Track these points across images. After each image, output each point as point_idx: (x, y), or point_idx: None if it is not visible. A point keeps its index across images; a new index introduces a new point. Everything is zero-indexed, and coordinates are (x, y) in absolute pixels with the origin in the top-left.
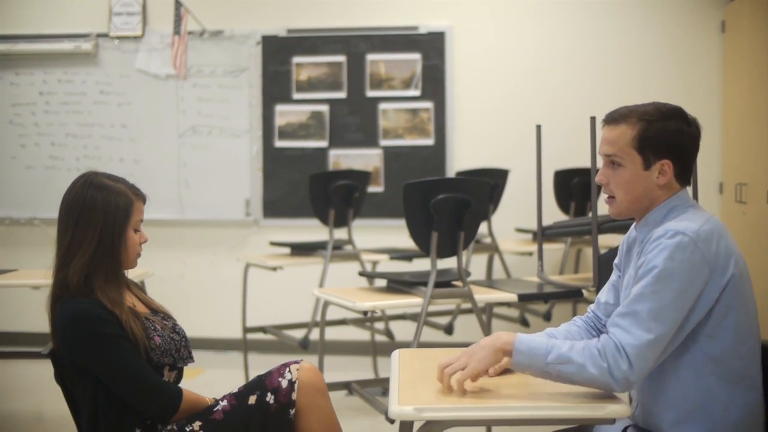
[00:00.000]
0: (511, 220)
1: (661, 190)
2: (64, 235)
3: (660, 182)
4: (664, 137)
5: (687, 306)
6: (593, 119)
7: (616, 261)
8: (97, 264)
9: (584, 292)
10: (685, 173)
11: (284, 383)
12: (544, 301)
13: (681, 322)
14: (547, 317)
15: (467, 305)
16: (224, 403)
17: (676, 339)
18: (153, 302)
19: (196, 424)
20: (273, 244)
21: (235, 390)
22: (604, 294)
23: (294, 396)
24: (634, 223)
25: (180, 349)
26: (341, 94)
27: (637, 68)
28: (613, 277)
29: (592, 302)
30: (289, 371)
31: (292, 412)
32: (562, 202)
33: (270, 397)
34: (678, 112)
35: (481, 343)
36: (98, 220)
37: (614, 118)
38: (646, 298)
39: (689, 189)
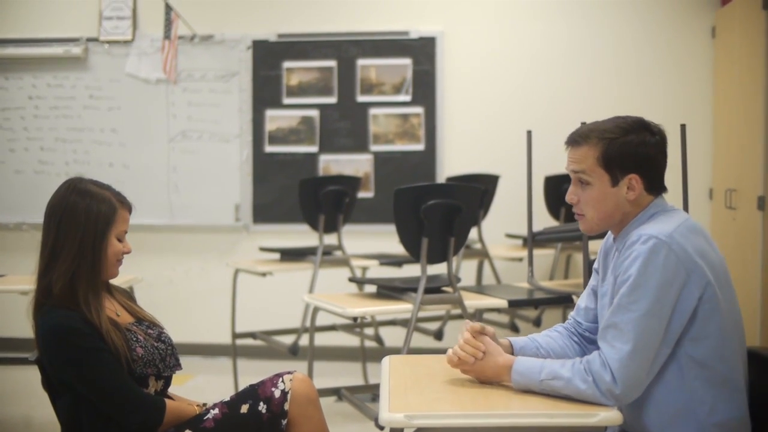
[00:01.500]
0: (501, 226)
1: (631, 206)
2: (47, 240)
3: (630, 197)
4: (628, 152)
5: (667, 311)
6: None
7: (595, 265)
8: (77, 270)
9: (574, 297)
10: (656, 183)
11: (277, 393)
12: (534, 307)
13: (664, 327)
14: (537, 323)
15: (457, 311)
16: (215, 411)
17: (665, 345)
18: (139, 310)
19: None
20: (263, 249)
21: (227, 398)
22: (584, 299)
23: (286, 406)
24: (611, 233)
25: (166, 358)
26: (332, 99)
27: (628, 74)
28: (593, 281)
29: None
30: (282, 381)
31: (284, 422)
32: (553, 208)
33: (262, 407)
34: (639, 123)
35: (497, 362)
36: (79, 226)
37: (575, 140)
38: (624, 309)
39: (666, 195)
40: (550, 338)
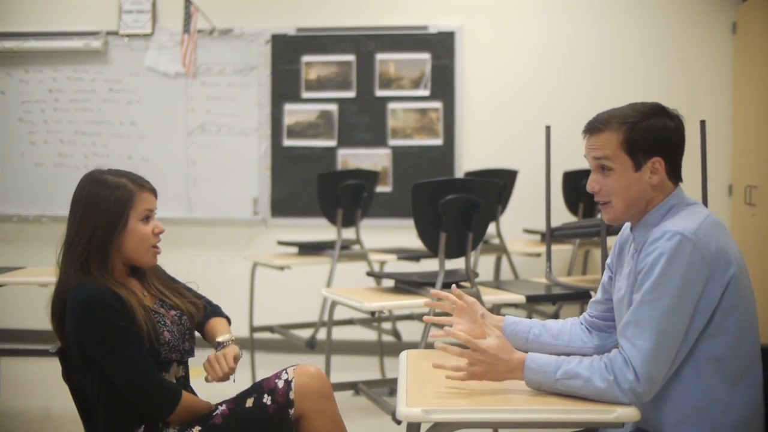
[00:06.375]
0: (519, 221)
1: (655, 191)
2: (68, 234)
3: (653, 181)
4: (650, 135)
5: (689, 309)
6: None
7: (608, 261)
8: (87, 260)
9: (592, 293)
10: (676, 169)
11: (280, 383)
12: (552, 303)
13: (685, 326)
14: (554, 318)
15: None
16: (223, 407)
17: (685, 342)
18: (169, 293)
19: (196, 429)
20: (281, 243)
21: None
22: (596, 295)
23: (291, 395)
24: (629, 224)
25: (185, 341)
26: (350, 94)
27: (648, 69)
28: (604, 277)
29: None
30: (285, 372)
31: (291, 411)
32: (571, 203)
33: (267, 399)
34: (658, 108)
35: (503, 358)
36: (99, 216)
37: (596, 127)
38: (647, 306)
39: (686, 192)
40: (565, 324)
